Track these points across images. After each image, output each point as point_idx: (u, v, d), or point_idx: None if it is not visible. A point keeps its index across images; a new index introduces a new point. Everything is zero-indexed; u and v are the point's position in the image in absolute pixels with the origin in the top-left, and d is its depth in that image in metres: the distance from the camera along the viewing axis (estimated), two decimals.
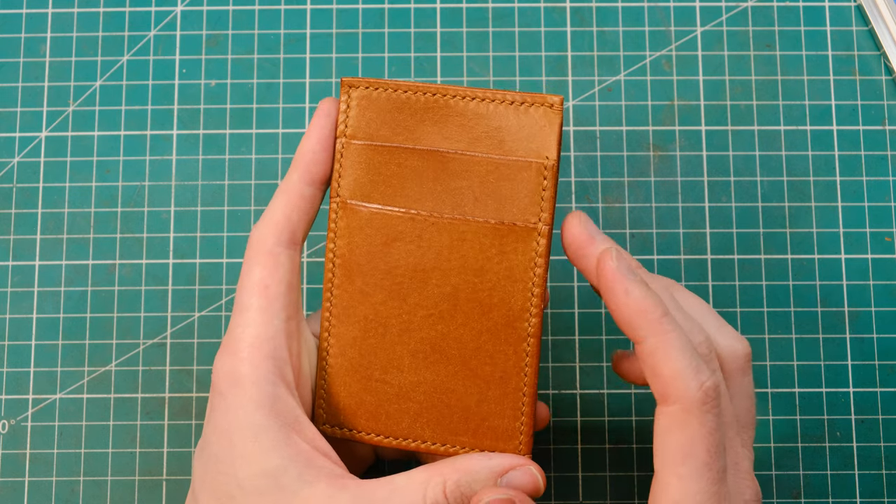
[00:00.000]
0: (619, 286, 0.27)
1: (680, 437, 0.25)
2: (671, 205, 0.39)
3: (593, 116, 0.40)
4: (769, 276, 0.39)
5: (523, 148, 0.28)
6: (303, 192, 0.29)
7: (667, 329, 0.26)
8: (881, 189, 0.39)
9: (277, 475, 0.26)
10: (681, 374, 0.25)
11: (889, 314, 0.38)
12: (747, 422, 0.28)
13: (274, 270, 0.28)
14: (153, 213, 0.39)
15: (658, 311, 0.26)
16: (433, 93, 0.29)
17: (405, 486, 0.26)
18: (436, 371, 0.29)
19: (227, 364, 0.27)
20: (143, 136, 0.40)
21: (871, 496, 0.37)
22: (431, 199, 0.29)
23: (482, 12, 0.40)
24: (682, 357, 0.26)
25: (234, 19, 0.41)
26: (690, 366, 0.25)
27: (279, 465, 0.26)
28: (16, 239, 0.39)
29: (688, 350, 0.26)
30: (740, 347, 0.28)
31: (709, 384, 0.25)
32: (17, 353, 0.38)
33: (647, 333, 0.26)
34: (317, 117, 0.29)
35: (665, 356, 0.26)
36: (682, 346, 0.26)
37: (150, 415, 0.38)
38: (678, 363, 0.25)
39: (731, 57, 0.40)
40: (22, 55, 0.40)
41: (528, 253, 0.28)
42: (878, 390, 0.38)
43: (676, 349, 0.26)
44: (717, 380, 0.26)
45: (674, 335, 0.26)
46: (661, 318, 0.26)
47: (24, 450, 0.38)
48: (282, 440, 0.26)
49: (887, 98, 0.40)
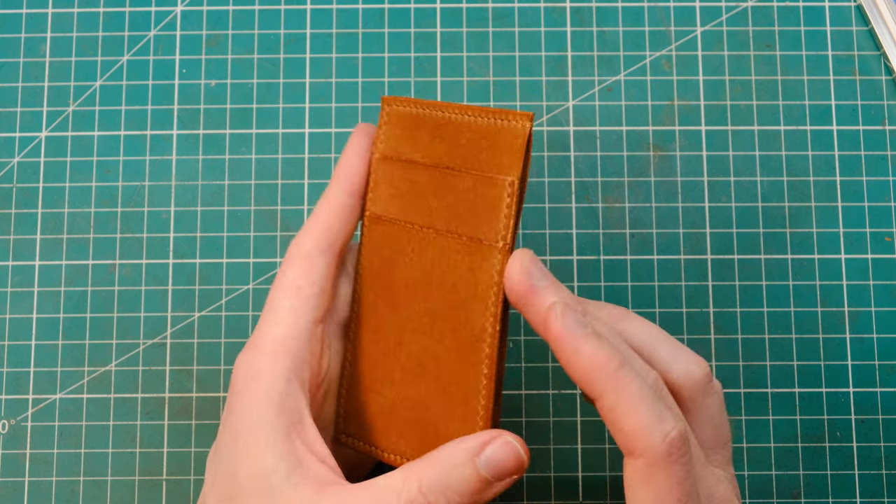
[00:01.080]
0: (568, 345, 0.25)
1: (648, 491, 0.24)
2: (671, 205, 0.39)
3: (593, 116, 0.40)
4: (769, 276, 0.39)
5: (496, 164, 0.28)
6: (343, 202, 0.29)
7: (624, 382, 0.25)
8: (881, 189, 0.39)
9: (269, 474, 0.26)
10: (643, 428, 0.24)
11: (889, 314, 0.38)
12: (717, 443, 0.27)
13: (308, 272, 0.28)
14: (153, 213, 0.39)
15: (612, 363, 0.25)
16: (443, 110, 0.29)
17: (383, 489, 0.26)
18: (418, 387, 0.29)
19: (248, 358, 0.27)
20: (143, 136, 0.40)
21: (871, 496, 0.37)
22: (429, 213, 0.29)
23: (482, 12, 0.40)
24: (642, 409, 0.24)
25: (234, 19, 0.41)
26: (653, 417, 0.24)
27: (271, 464, 0.26)
28: (16, 239, 0.39)
29: (648, 400, 0.25)
30: (697, 371, 0.27)
31: (674, 434, 0.24)
32: (17, 353, 0.38)
33: (602, 389, 0.25)
34: (355, 135, 0.30)
35: (625, 411, 0.24)
36: (641, 397, 0.25)
37: (150, 415, 0.38)
38: (639, 417, 0.24)
39: (731, 57, 0.40)
40: (22, 55, 0.40)
41: (490, 271, 0.28)
42: (878, 390, 0.38)
43: (636, 401, 0.24)
44: (681, 428, 0.24)
45: (632, 387, 0.25)
46: (616, 371, 0.25)
47: (24, 450, 0.38)
48: (280, 438, 0.26)
49: (887, 98, 0.40)
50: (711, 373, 0.27)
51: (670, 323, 0.38)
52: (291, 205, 0.39)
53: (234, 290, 0.38)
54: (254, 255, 0.39)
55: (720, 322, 0.38)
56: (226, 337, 0.38)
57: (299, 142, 0.40)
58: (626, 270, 0.38)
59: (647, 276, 0.38)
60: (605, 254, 0.39)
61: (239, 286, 0.38)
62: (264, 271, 0.39)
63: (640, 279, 0.38)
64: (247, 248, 0.39)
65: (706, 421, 0.27)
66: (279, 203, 0.39)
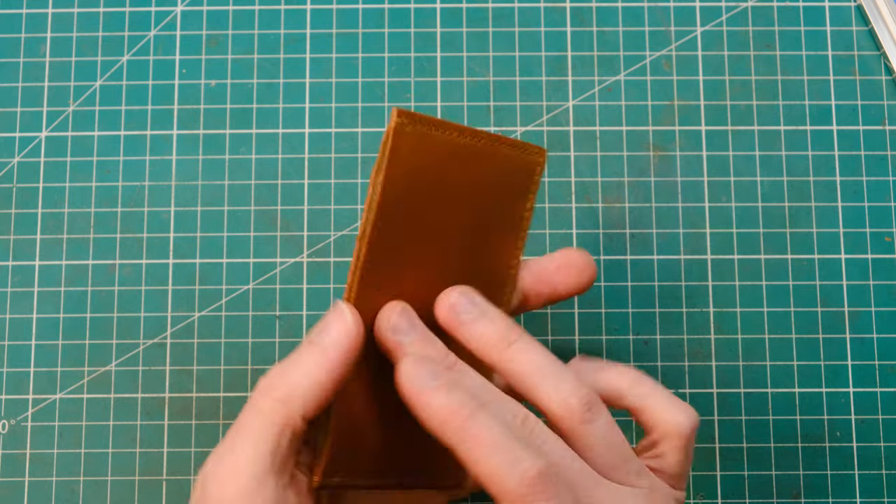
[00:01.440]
0: (417, 399, 0.25)
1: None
2: (671, 205, 0.39)
3: (593, 116, 0.40)
4: (769, 276, 0.39)
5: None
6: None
7: (475, 431, 0.24)
8: (881, 189, 0.39)
9: None
10: (498, 473, 0.24)
11: (889, 314, 0.38)
12: (616, 461, 0.27)
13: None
14: (153, 213, 0.39)
15: (463, 413, 0.24)
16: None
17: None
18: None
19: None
20: (143, 136, 0.40)
21: (871, 496, 0.37)
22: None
23: (482, 12, 0.40)
24: (494, 455, 0.24)
25: (234, 19, 0.41)
26: (507, 461, 0.24)
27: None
28: (16, 239, 0.39)
29: (502, 444, 0.24)
30: (573, 400, 0.26)
31: (531, 473, 0.23)
32: (17, 353, 0.38)
33: (456, 440, 0.24)
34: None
35: (479, 459, 0.24)
36: (493, 442, 0.24)
37: (150, 415, 0.38)
38: (492, 462, 0.24)
39: (731, 57, 0.40)
40: (22, 55, 0.40)
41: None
42: (878, 390, 0.38)
43: (488, 448, 0.24)
44: (541, 465, 0.24)
45: (483, 434, 0.24)
46: (466, 420, 0.24)
47: (24, 450, 0.38)
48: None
49: (887, 98, 0.40)
50: (592, 398, 0.26)
51: (670, 323, 0.38)
52: (291, 205, 0.39)
53: (234, 290, 0.38)
54: (254, 255, 0.39)
55: (720, 322, 0.38)
56: (226, 337, 0.38)
57: (299, 142, 0.40)
58: (626, 270, 0.38)
59: (647, 276, 0.38)
60: (605, 254, 0.39)
61: (239, 286, 0.38)
62: (264, 271, 0.39)
63: (640, 279, 0.38)
64: (247, 248, 0.39)
65: (592, 445, 0.26)
66: (279, 203, 0.39)
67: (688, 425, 0.28)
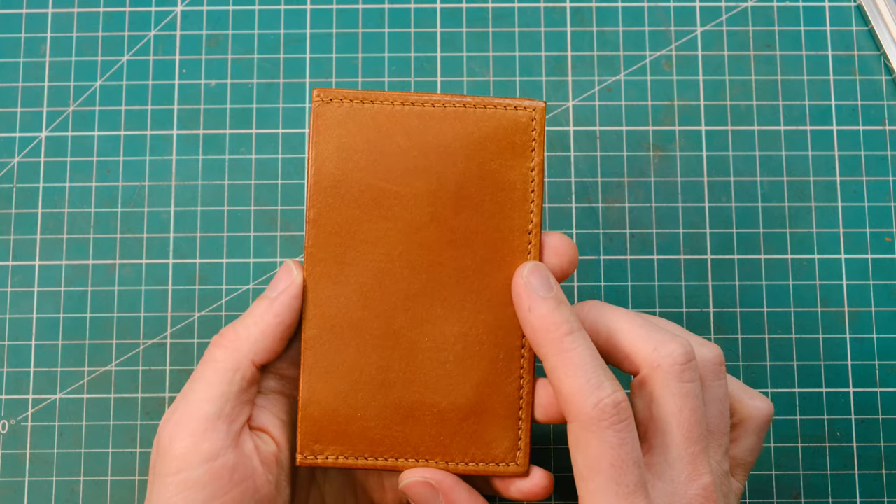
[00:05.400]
0: (524, 302, 0.27)
1: (583, 454, 0.25)
2: (671, 205, 0.39)
3: (593, 116, 0.40)
4: (769, 276, 0.39)
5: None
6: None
7: (567, 347, 0.26)
8: (881, 189, 0.39)
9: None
10: (577, 393, 0.25)
11: (889, 314, 0.38)
12: (718, 428, 0.28)
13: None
14: (153, 213, 0.39)
15: (562, 329, 0.26)
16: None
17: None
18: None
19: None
20: (143, 136, 0.40)
21: (871, 496, 0.37)
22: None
23: (482, 12, 0.40)
24: (579, 375, 0.25)
25: (234, 19, 0.41)
26: (588, 384, 0.25)
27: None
28: (16, 239, 0.39)
29: (588, 367, 0.26)
30: (707, 352, 0.28)
31: (607, 401, 0.25)
32: (17, 353, 0.38)
33: (547, 352, 0.26)
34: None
35: (564, 375, 0.26)
36: (581, 363, 0.26)
37: (150, 415, 0.38)
38: (574, 381, 0.25)
39: (731, 57, 0.40)
40: (22, 55, 0.40)
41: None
42: (878, 390, 0.38)
43: (575, 367, 0.26)
44: (617, 397, 0.25)
45: (573, 353, 0.26)
46: (563, 336, 0.26)
47: (24, 450, 0.38)
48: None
49: (887, 98, 0.40)
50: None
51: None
52: (291, 205, 0.39)
53: (234, 290, 0.38)
54: (254, 255, 0.39)
55: (720, 322, 0.38)
56: None
57: (299, 142, 0.40)
58: (626, 270, 0.39)
59: (647, 276, 0.38)
60: (605, 254, 0.39)
61: (239, 286, 0.38)
62: (264, 271, 0.39)
63: (640, 279, 0.38)
64: (247, 248, 0.39)
65: (713, 402, 0.28)
66: (279, 203, 0.39)
67: (767, 411, 0.29)
